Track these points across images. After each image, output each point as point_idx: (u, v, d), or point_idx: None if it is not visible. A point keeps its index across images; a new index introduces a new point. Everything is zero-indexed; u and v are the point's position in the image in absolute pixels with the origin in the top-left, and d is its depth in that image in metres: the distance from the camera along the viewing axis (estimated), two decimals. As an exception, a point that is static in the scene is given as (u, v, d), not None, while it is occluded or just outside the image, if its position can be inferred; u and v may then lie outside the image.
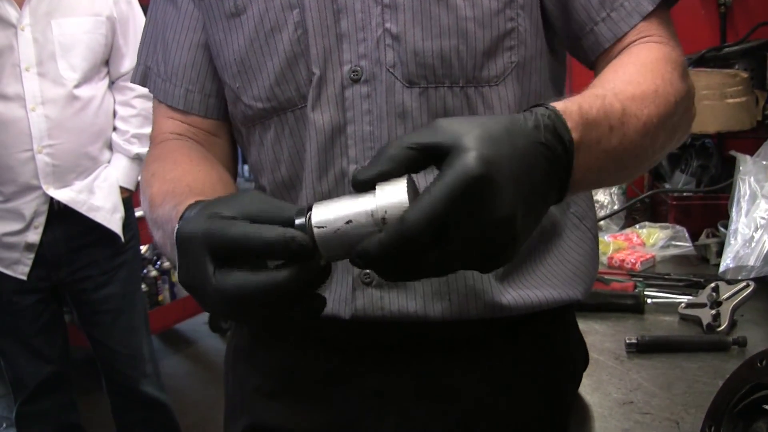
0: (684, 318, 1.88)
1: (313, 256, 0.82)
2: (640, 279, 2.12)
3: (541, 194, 0.85)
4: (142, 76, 1.36)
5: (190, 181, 1.13)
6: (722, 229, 2.28)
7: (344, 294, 1.18)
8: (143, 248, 4.90)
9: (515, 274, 1.20)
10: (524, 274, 1.21)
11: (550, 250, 1.24)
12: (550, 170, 0.85)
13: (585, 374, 1.42)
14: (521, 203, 0.80)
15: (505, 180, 0.78)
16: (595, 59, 1.18)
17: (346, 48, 1.14)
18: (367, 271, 1.16)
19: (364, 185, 0.82)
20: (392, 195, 0.80)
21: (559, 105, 0.90)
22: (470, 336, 1.22)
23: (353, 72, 1.14)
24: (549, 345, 1.29)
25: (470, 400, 1.23)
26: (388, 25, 1.13)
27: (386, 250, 0.78)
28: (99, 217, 3.02)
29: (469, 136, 0.79)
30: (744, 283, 1.89)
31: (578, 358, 1.39)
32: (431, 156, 0.81)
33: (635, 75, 1.04)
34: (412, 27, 1.12)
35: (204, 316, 5.43)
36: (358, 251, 0.80)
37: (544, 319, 1.24)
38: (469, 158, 0.77)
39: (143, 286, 4.45)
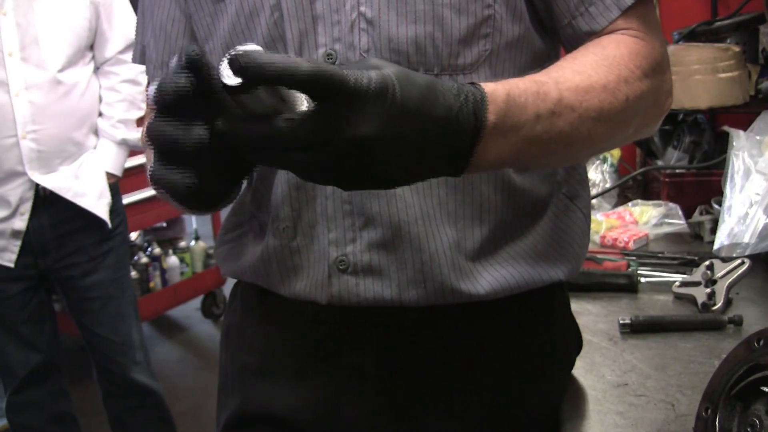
0: (678, 297, 1.86)
1: None
2: (633, 258, 2.10)
3: (427, 157, 0.88)
4: (140, 56, 1.37)
5: None
6: (716, 206, 2.26)
7: (320, 279, 1.18)
8: (133, 235, 4.89)
9: (494, 251, 1.19)
10: (503, 251, 1.19)
11: (534, 228, 1.22)
12: (445, 142, 0.88)
13: (578, 356, 1.40)
14: (397, 149, 0.84)
15: (398, 107, 0.83)
16: (571, 49, 1.17)
17: (321, 30, 1.12)
18: (343, 257, 1.16)
19: None
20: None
21: (488, 86, 0.92)
22: (450, 319, 1.21)
23: (328, 55, 1.13)
24: (535, 327, 1.28)
25: (451, 381, 1.23)
26: (363, 8, 1.11)
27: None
28: (85, 203, 2.99)
29: (392, 69, 0.84)
30: (739, 261, 1.87)
31: (570, 341, 1.37)
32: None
33: (589, 66, 1.04)
34: (387, 12, 1.10)
35: (196, 302, 5.41)
36: None
37: (528, 300, 1.23)
38: (378, 74, 0.82)
39: (134, 272, 4.44)
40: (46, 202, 2.94)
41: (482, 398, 1.24)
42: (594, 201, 2.65)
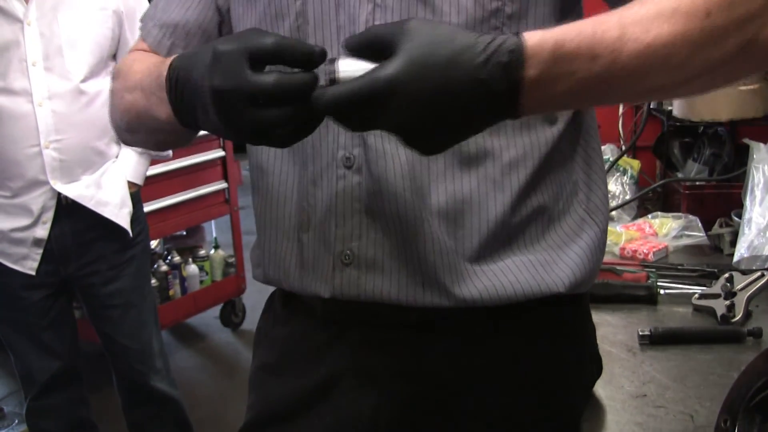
0: (698, 309, 1.86)
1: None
2: (653, 269, 2.10)
3: (456, 122, 0.96)
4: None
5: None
6: (736, 219, 2.26)
7: (325, 273, 1.22)
8: (153, 243, 4.90)
9: (495, 258, 1.18)
10: (504, 260, 1.19)
11: (542, 237, 1.21)
12: (479, 106, 0.94)
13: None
14: (423, 123, 0.95)
15: (408, 99, 0.93)
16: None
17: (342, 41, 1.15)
18: (348, 251, 1.20)
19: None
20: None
21: (534, 37, 0.94)
22: (448, 323, 1.22)
23: None
24: (538, 340, 1.26)
25: (448, 385, 1.24)
26: (378, 24, 1.14)
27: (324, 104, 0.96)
28: (107, 212, 3.00)
29: (406, 53, 0.92)
30: (759, 273, 1.87)
31: (584, 360, 1.34)
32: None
33: None
34: None
35: (215, 311, 5.42)
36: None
37: (531, 313, 1.22)
38: (385, 72, 0.92)
39: (154, 281, 4.44)
40: (68, 210, 2.95)
41: (478, 406, 1.23)
42: (614, 213, 2.65)
